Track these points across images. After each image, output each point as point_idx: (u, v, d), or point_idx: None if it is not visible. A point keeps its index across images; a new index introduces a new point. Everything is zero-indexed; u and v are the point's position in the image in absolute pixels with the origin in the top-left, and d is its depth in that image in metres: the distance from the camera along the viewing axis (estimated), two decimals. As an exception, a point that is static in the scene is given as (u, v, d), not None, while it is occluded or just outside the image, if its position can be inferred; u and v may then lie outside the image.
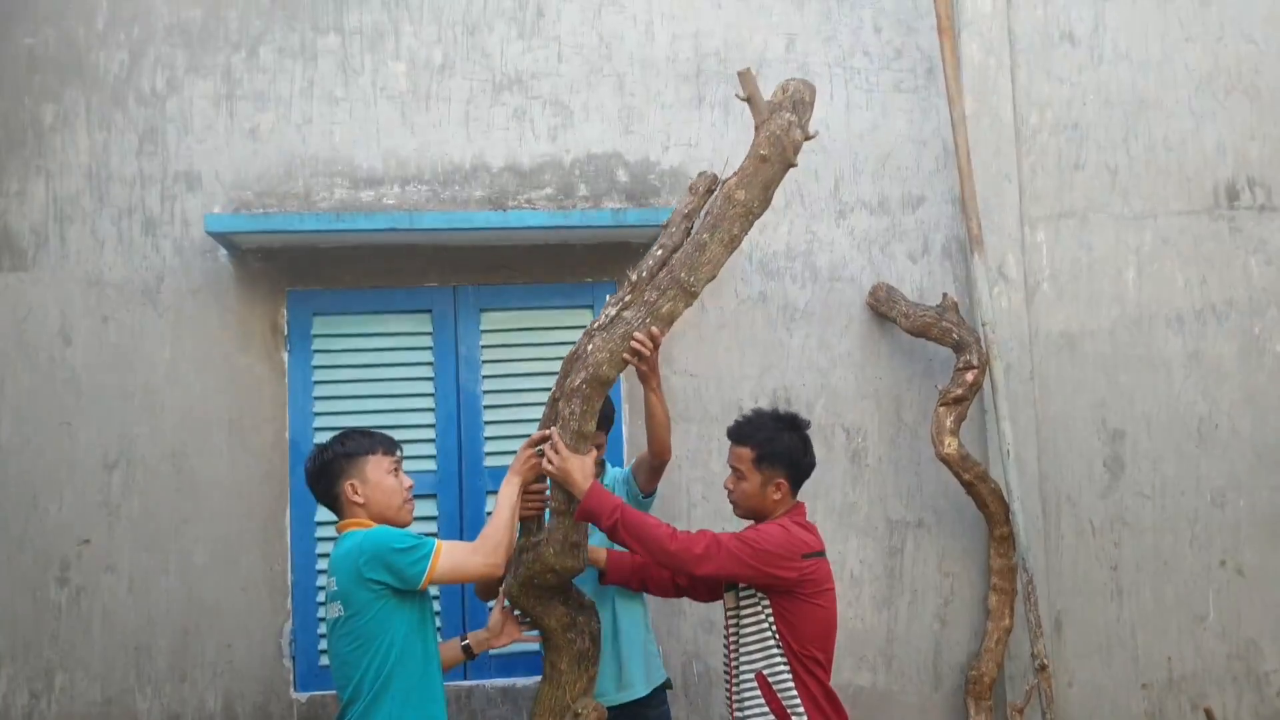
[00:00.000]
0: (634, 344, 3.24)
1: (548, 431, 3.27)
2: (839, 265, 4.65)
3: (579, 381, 3.26)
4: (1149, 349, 4.76)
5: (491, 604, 3.68)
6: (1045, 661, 4.33)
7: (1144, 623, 4.63)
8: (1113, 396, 4.71)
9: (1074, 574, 4.61)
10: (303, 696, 4.18)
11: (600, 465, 3.66)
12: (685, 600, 4.33)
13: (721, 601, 3.43)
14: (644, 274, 3.33)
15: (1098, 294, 4.76)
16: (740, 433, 3.37)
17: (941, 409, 4.37)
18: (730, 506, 3.44)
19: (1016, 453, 4.48)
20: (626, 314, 3.29)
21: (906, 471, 4.59)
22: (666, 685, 3.85)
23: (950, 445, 4.32)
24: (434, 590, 3.87)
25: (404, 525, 3.24)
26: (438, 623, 4.21)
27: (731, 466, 3.37)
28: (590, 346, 3.27)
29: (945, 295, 4.53)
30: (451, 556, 3.11)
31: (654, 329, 3.27)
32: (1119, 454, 4.70)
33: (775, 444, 3.31)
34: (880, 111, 4.72)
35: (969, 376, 4.33)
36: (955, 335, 4.39)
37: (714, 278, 3.33)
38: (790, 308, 4.61)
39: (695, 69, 4.60)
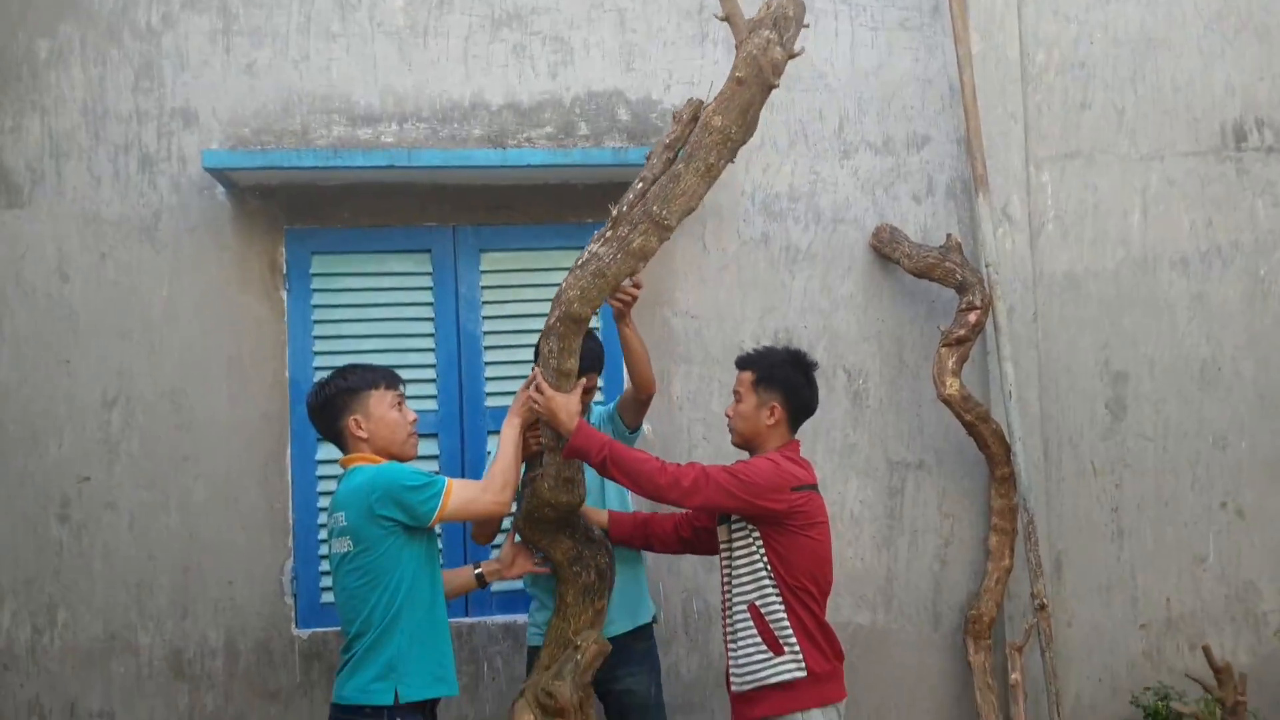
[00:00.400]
0: (621, 296, 3.37)
1: (538, 371, 3.27)
2: (842, 206, 4.61)
3: (554, 319, 3.24)
4: (1153, 291, 4.73)
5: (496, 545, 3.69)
6: (1044, 601, 4.34)
7: (1144, 564, 4.63)
8: (1116, 338, 4.69)
9: (1074, 515, 4.61)
10: (304, 633, 4.20)
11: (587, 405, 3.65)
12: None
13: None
14: (624, 208, 3.24)
15: (1102, 235, 4.72)
16: (746, 359, 3.44)
17: (944, 350, 4.35)
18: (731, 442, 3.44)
19: (1018, 394, 4.46)
20: (599, 249, 3.22)
21: (908, 413, 4.58)
22: (654, 620, 3.85)
23: (952, 386, 4.30)
24: (438, 529, 3.89)
25: (409, 460, 3.24)
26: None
27: (733, 392, 3.38)
28: (564, 284, 3.24)
29: (949, 236, 4.50)
30: (462, 495, 3.12)
31: (636, 278, 3.30)
32: (1121, 396, 4.68)
33: (776, 370, 3.35)
34: (885, 50, 4.66)
35: (971, 317, 4.31)
36: (958, 276, 4.36)
37: (691, 210, 3.24)
38: (793, 249, 4.57)
39: (698, 4, 4.54)
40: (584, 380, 3.35)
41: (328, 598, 4.09)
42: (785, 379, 3.36)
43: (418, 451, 3.29)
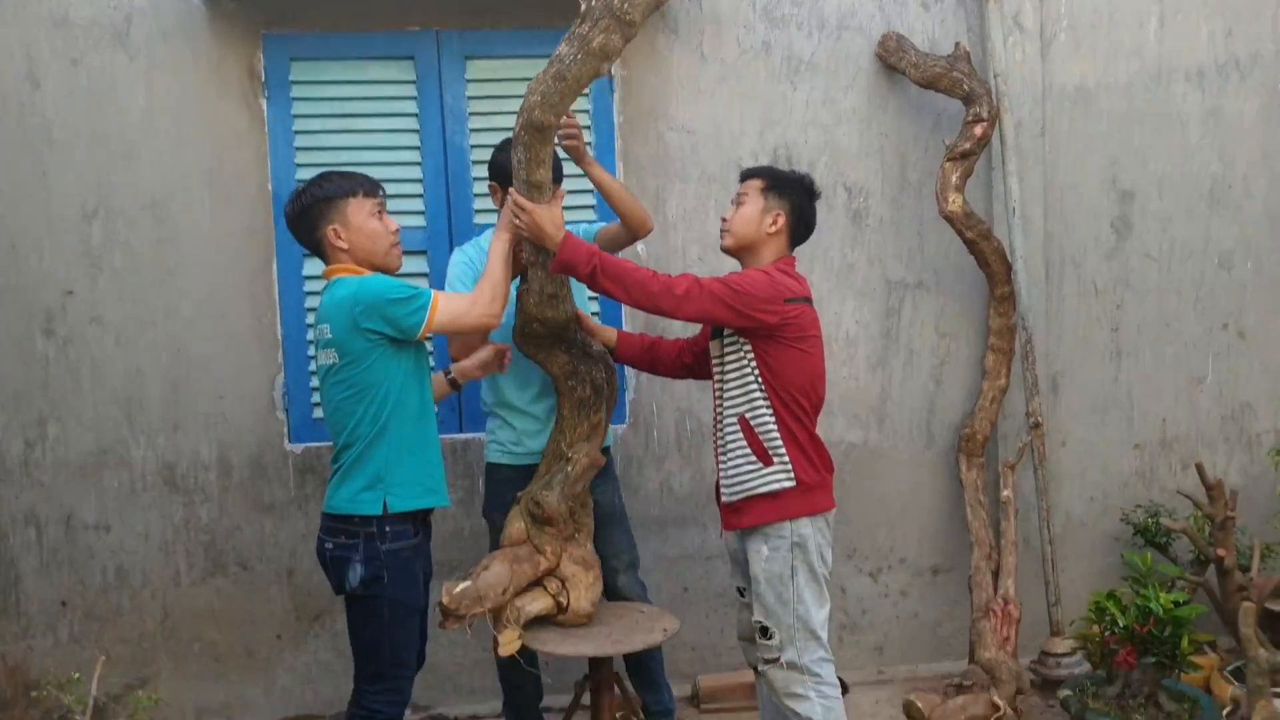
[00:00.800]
0: (564, 134, 3.29)
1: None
2: (848, 13, 4.41)
3: (518, 128, 3.11)
4: (1166, 105, 4.56)
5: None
6: (1039, 420, 4.32)
7: (1141, 384, 4.60)
8: (1125, 155, 4.55)
9: (1074, 336, 4.55)
10: (297, 448, 4.19)
11: None
12: (679, 359, 4.32)
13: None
14: (591, 1, 3.05)
15: (1116, 46, 4.52)
16: (754, 169, 3.36)
17: (948, 164, 4.21)
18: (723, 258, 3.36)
19: (1022, 211, 4.35)
20: (562, 49, 3.05)
21: (908, 232, 4.48)
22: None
23: (955, 202, 4.19)
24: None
25: (392, 270, 3.15)
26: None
27: (736, 196, 3.28)
28: (527, 90, 3.08)
29: (957, 45, 4.31)
30: (449, 307, 3.04)
31: (567, 117, 3.20)
32: (1127, 215, 4.57)
33: (787, 182, 3.28)
34: None
35: (977, 130, 4.16)
36: (966, 87, 4.19)
37: (657, 6, 3.07)
38: (795, 59, 4.39)
39: None
40: (558, 189, 3.24)
41: (320, 413, 4.07)
42: (794, 193, 3.28)
43: (401, 263, 3.19)
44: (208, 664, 4.20)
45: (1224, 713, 3.66)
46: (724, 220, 3.28)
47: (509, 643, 3.32)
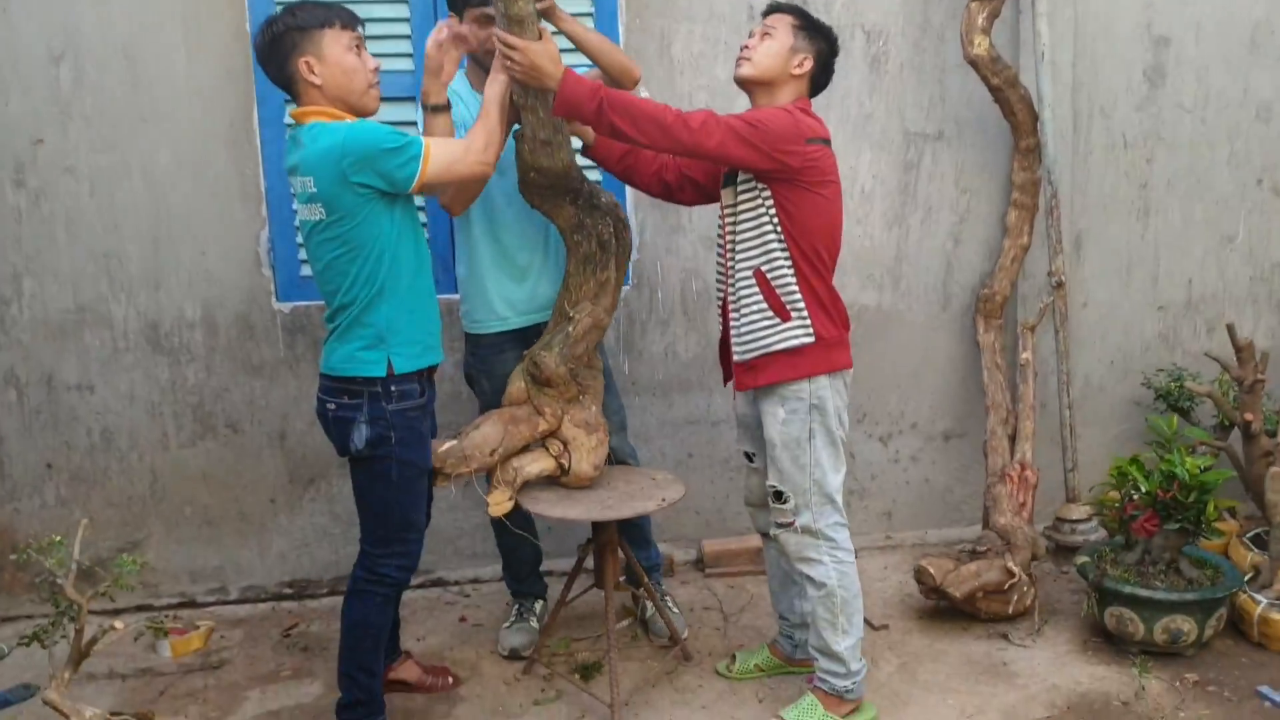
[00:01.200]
0: None
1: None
2: None
3: None
4: (1209, -57, 4.26)
5: None
6: (1062, 280, 4.14)
7: (1168, 243, 4.40)
8: (1162, -3, 4.26)
9: (1100, 191, 4.33)
10: (285, 307, 4.01)
11: None
12: (685, 217, 4.11)
13: (714, 200, 3.16)
14: None
15: (1159, -124, 4.20)
16: (784, 4, 3.08)
17: (974, 4, 3.94)
18: (735, 87, 3.10)
19: (1051, 57, 4.09)
20: None
21: (929, 79, 4.21)
22: None
23: (980, 45, 3.92)
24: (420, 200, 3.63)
25: (370, 113, 2.89)
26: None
27: (763, 28, 3.01)
28: None
29: (987, -128, 3.99)
30: (442, 156, 2.81)
31: None
32: (1161, 62, 4.30)
33: (818, 29, 3.03)
34: None
35: (1007, -33, 3.87)
36: (995, -82, 3.89)
37: None
38: (810, -110, 4.06)
39: None
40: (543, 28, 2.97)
41: (308, 270, 3.87)
42: (824, 41, 3.04)
43: (379, 106, 2.94)
44: (200, 528, 4.09)
45: (1244, 580, 3.56)
46: (745, 48, 3.00)
47: (497, 503, 3.21)
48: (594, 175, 3.54)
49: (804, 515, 3.02)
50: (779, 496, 3.04)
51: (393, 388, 2.86)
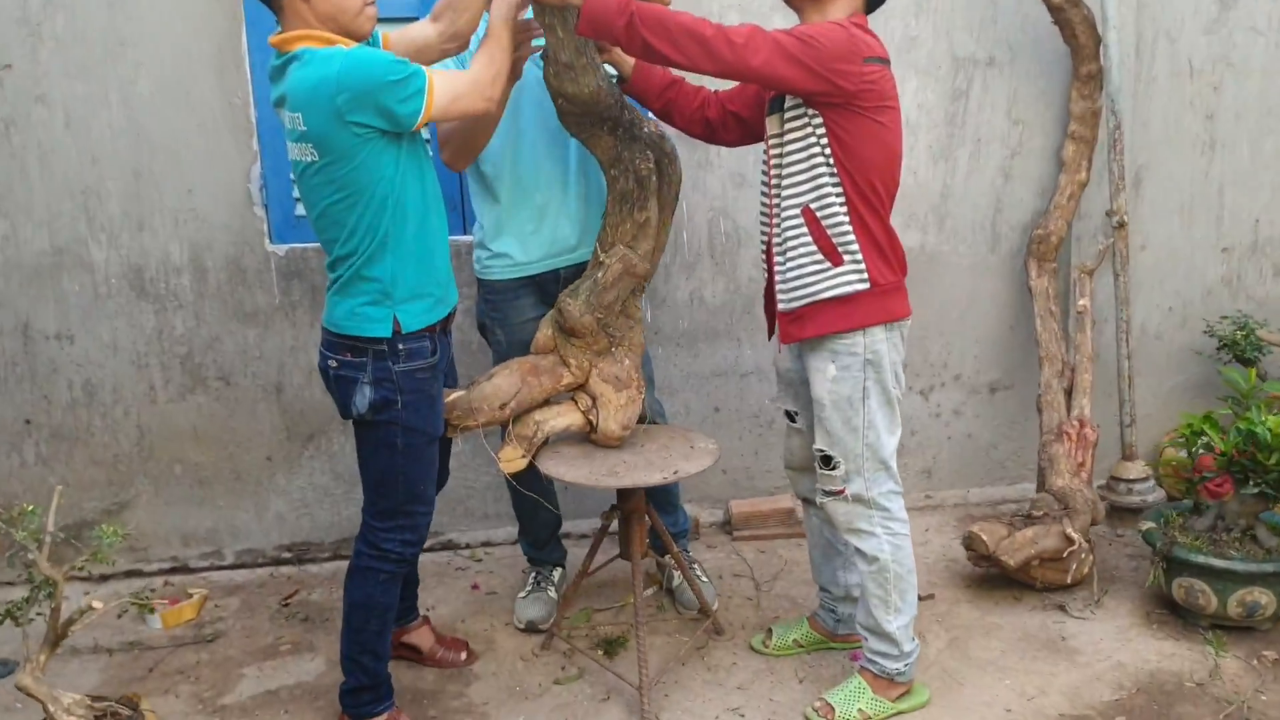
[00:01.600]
0: None
1: None
2: None
3: None
4: None
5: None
6: (1124, 219, 3.81)
7: (1235, 180, 4.05)
8: (1237, -92, 3.88)
9: (1162, 123, 3.98)
10: (280, 249, 3.69)
11: None
12: (714, 153, 3.79)
13: (760, 139, 2.82)
14: None
15: None
16: None
17: (1034, -85, 3.57)
18: (768, 6, 2.75)
19: (1116, -27, 3.73)
20: None
21: (980, -1, 3.86)
22: None
23: (1040, -40, 3.56)
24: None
25: (363, 38, 2.55)
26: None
27: None
28: None
29: None
30: (447, 90, 2.46)
31: None
32: (1234, -19, 3.94)
33: None
34: None
35: (1071, -127, 3.49)
36: None
37: None
38: None
39: None
40: None
41: (304, 210, 3.54)
42: None
43: (374, 29, 2.59)
44: (191, 488, 3.81)
45: (1325, 547, 3.28)
46: None
47: (509, 460, 2.93)
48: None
49: (855, 482, 2.73)
50: (827, 462, 2.74)
51: (400, 346, 2.56)
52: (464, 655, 3.19)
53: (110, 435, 3.73)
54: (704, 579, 3.47)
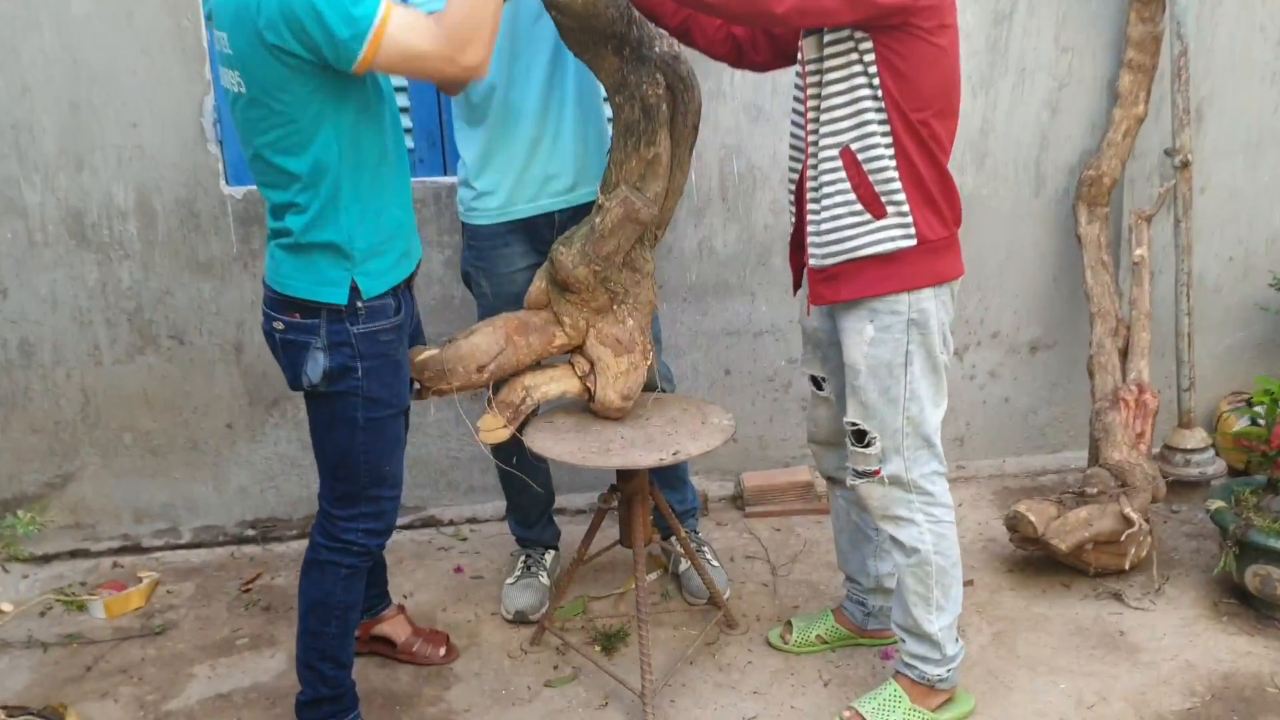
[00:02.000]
0: None
1: None
2: None
3: None
4: None
5: None
6: (1188, 158, 3.39)
7: (1308, 114, 3.63)
8: None
9: (1228, 50, 3.54)
10: (237, 191, 3.28)
11: None
12: (725, 81, 3.39)
13: (796, 61, 2.40)
14: None
15: None
16: None
17: None
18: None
19: (1184, -123, 3.28)
20: None
21: (1026, -92, 3.41)
22: None
23: None
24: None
25: None
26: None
27: None
28: None
29: None
30: (401, 38, 1.94)
31: None
32: (1313, -112, 3.48)
33: None
34: None
35: None
36: None
37: None
38: None
39: None
40: None
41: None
42: None
43: None
44: (143, 458, 3.43)
45: None
46: None
47: (489, 430, 2.55)
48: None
49: (893, 462, 2.34)
50: (861, 437, 2.35)
51: (359, 304, 2.16)
52: (443, 651, 2.82)
53: (51, 400, 3.34)
54: (714, 563, 3.09)
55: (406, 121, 3.31)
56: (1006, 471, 3.77)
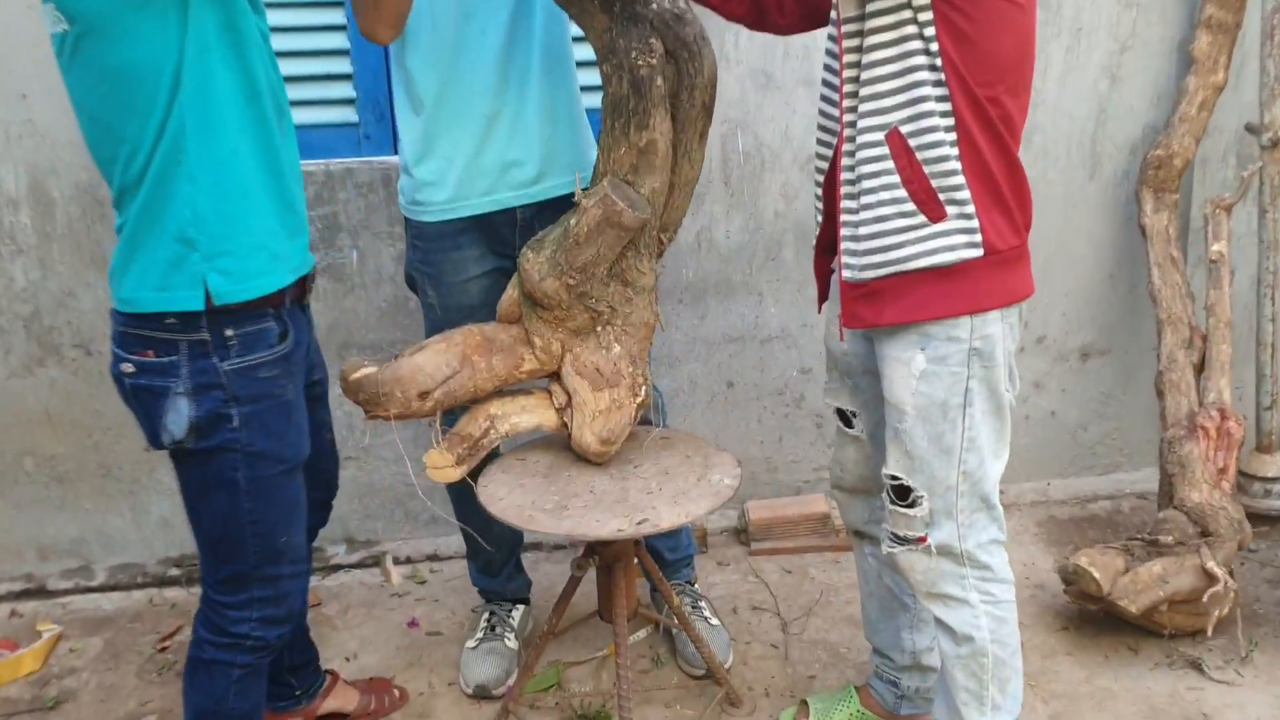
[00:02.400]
0: None
1: None
2: None
3: None
4: None
5: None
6: (1278, 136, 2.87)
7: None
8: None
9: (1321, 9, 3.03)
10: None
11: None
12: (729, 44, 2.88)
13: (829, 22, 1.89)
14: None
15: None
16: None
17: None
18: None
19: None
20: None
21: None
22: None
23: None
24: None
25: None
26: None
27: None
28: None
29: None
30: None
31: None
32: None
33: None
34: None
35: None
36: None
37: None
38: None
39: None
40: None
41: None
42: None
43: None
44: (48, 487, 2.93)
45: None
46: None
47: (436, 467, 2.05)
48: None
49: (943, 527, 1.85)
50: (903, 495, 1.85)
51: (228, 330, 1.65)
52: (396, 695, 2.42)
53: (-66, 421, 2.85)
54: (714, 621, 2.59)
55: (349, 90, 2.80)
56: (1052, 497, 3.28)
